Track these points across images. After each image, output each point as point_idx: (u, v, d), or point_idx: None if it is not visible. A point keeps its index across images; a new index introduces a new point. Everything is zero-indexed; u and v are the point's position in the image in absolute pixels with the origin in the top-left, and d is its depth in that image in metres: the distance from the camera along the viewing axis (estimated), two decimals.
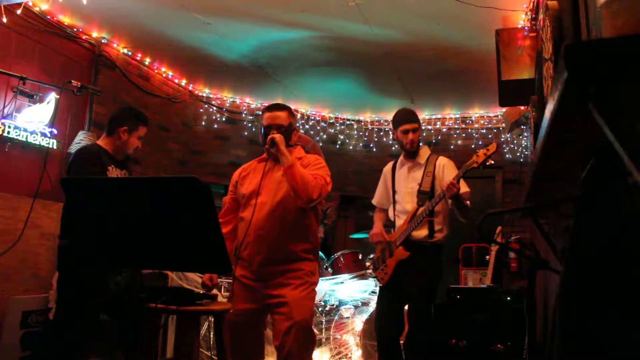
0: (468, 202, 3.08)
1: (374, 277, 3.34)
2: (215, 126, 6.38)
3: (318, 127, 6.76)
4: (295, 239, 2.59)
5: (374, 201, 3.52)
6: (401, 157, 3.35)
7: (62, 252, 2.85)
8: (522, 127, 4.72)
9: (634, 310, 0.88)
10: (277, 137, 2.54)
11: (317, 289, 2.68)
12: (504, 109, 5.08)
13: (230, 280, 3.55)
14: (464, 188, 3.02)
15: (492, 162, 2.96)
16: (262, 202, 2.59)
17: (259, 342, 2.69)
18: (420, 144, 3.32)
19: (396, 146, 3.49)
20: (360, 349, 4.14)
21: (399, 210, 3.26)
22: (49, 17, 4.28)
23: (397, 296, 3.18)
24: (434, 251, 3.14)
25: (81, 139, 4.28)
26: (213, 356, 3.96)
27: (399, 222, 3.23)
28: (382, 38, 4.48)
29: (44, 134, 4.04)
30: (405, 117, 3.25)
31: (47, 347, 3.24)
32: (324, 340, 4.34)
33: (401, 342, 3.19)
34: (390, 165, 3.45)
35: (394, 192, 3.32)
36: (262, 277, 2.56)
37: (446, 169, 3.17)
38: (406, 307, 3.27)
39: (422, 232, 3.12)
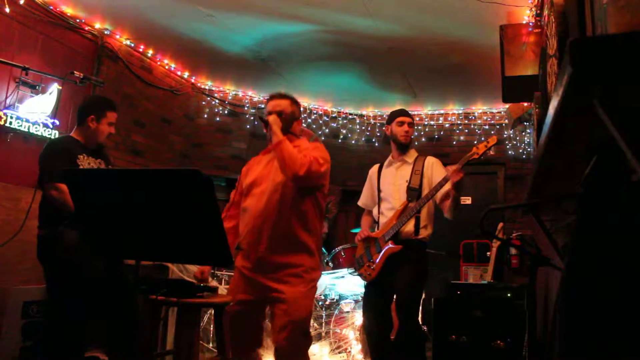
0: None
1: (358, 275, 3.34)
2: (218, 119, 6.37)
3: (320, 121, 6.75)
4: (294, 225, 2.57)
5: (360, 202, 3.53)
6: (389, 158, 3.39)
7: (43, 242, 2.87)
8: (525, 123, 4.70)
9: (635, 309, 0.88)
10: (271, 117, 2.58)
11: (317, 283, 2.68)
12: (507, 105, 5.06)
13: (231, 273, 3.55)
14: (448, 186, 3.03)
15: (493, 153, 2.96)
16: (261, 191, 2.60)
17: (257, 332, 2.69)
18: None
19: None
20: (360, 343, 4.15)
21: (385, 208, 3.26)
22: (51, 7, 4.27)
23: (384, 291, 3.18)
24: (420, 247, 3.16)
25: None
26: (213, 348, 3.98)
27: (384, 219, 3.23)
28: (385, 32, 4.46)
29: (46, 125, 4.04)
30: (401, 112, 3.36)
31: (47, 337, 3.26)
32: (323, 334, 4.35)
33: (391, 337, 3.21)
34: (376, 167, 3.48)
35: (379, 191, 3.33)
36: (262, 268, 2.56)
37: (435, 167, 3.19)
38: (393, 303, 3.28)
39: (408, 229, 3.12)
